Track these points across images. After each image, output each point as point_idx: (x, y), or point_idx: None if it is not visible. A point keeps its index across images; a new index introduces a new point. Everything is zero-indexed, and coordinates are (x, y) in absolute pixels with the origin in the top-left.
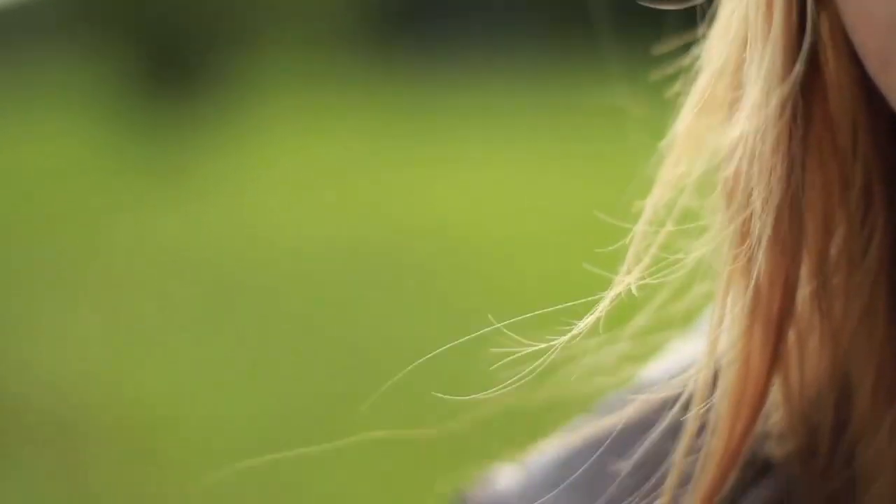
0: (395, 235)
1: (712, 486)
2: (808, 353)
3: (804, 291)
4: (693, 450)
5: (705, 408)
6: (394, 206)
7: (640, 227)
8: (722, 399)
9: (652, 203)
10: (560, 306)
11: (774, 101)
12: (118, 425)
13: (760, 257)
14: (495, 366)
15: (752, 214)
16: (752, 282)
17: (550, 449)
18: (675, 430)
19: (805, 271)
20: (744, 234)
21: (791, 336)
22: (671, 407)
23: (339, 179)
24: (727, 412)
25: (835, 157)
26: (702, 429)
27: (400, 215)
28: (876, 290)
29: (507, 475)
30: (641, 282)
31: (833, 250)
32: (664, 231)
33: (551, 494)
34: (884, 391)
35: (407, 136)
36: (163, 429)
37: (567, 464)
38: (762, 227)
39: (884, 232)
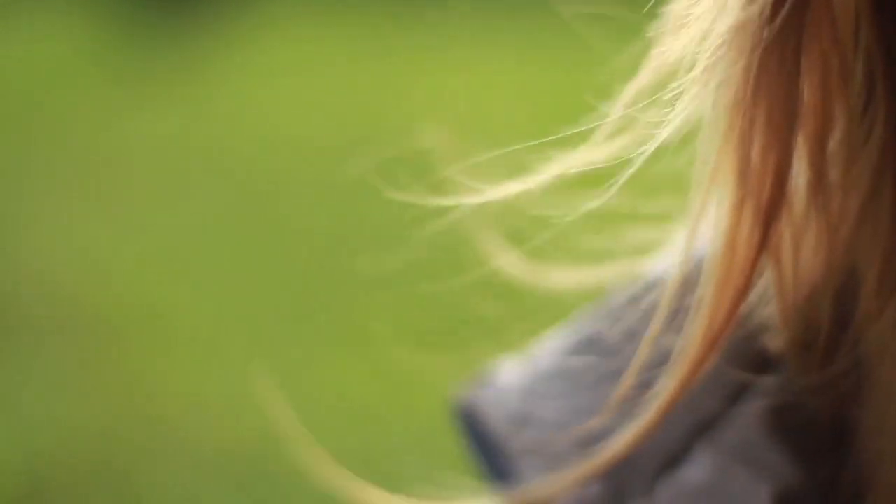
0: (396, 131)
1: (690, 370)
2: (804, 246)
3: (800, 184)
4: (675, 331)
5: (686, 291)
6: (394, 103)
7: (617, 107)
8: (706, 283)
9: (635, 85)
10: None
11: None
12: (119, 319)
13: (752, 140)
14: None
15: (745, 94)
16: (742, 166)
17: (553, 342)
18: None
19: (801, 163)
20: (735, 114)
21: (786, 230)
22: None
23: (341, 78)
24: (710, 297)
25: (835, 45)
26: (684, 312)
27: (401, 113)
28: (880, 179)
29: (509, 370)
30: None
31: (831, 143)
32: (646, 111)
33: (554, 389)
34: (890, 278)
35: (412, 37)
36: (163, 323)
37: (571, 358)
38: (754, 107)
39: (885, 123)
